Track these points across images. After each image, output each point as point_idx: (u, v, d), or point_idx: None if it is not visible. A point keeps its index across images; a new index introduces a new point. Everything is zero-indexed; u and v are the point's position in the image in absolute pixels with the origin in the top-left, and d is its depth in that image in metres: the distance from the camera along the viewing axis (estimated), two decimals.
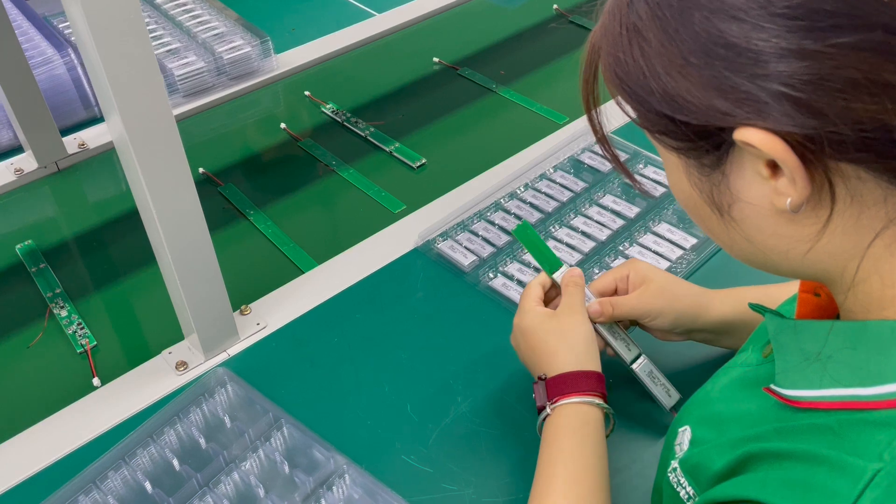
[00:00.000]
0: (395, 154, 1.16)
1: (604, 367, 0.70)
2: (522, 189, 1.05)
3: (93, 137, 1.19)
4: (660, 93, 0.40)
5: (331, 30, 1.46)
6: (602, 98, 0.47)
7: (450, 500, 0.71)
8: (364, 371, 0.83)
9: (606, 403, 0.66)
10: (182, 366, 0.84)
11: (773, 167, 0.38)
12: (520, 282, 0.91)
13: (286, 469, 0.73)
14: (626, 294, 0.75)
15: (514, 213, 1.02)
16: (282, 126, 1.23)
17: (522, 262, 0.94)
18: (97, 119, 1.25)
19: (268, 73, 1.34)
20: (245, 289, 0.86)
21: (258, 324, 0.89)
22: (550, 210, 1.02)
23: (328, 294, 0.93)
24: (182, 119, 1.25)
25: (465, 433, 0.77)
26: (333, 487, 0.71)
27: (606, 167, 1.09)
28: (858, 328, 0.41)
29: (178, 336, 0.87)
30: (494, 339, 0.85)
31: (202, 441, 0.76)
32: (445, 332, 0.87)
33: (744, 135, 0.37)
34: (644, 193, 1.01)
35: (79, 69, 1.21)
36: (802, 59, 0.35)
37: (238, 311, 0.90)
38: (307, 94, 1.30)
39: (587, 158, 1.11)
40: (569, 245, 0.96)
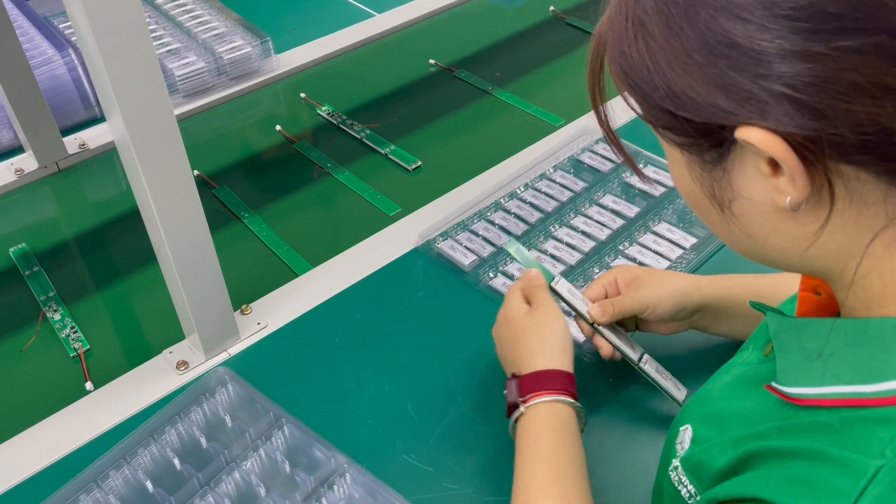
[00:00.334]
0: (391, 156, 1.16)
1: (605, 369, 0.71)
2: (522, 189, 1.05)
3: (93, 137, 1.20)
4: (663, 88, 0.40)
5: (331, 30, 1.46)
6: (607, 94, 0.47)
7: (450, 499, 0.71)
8: (365, 370, 0.84)
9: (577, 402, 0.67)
10: (183, 365, 0.84)
11: (774, 165, 0.38)
12: None
13: (287, 468, 0.73)
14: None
15: (515, 213, 1.02)
16: (277, 128, 1.23)
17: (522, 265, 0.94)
18: (97, 119, 1.26)
19: (268, 74, 1.34)
20: (240, 292, 0.85)
21: (259, 323, 0.89)
22: (550, 210, 1.02)
23: (328, 294, 0.93)
24: (181, 120, 1.25)
25: (466, 432, 0.77)
26: (334, 486, 0.71)
27: (606, 167, 1.09)
28: (860, 326, 0.41)
29: (178, 336, 0.87)
30: None
31: (203, 440, 0.76)
32: (445, 332, 0.87)
33: (745, 134, 0.38)
34: (647, 185, 1.01)
35: (79, 69, 1.21)
36: (805, 61, 0.35)
37: (239, 311, 0.90)
38: (303, 97, 1.30)
39: (587, 158, 1.11)
40: (569, 245, 0.96)
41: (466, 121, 1.24)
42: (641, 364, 0.74)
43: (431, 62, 1.38)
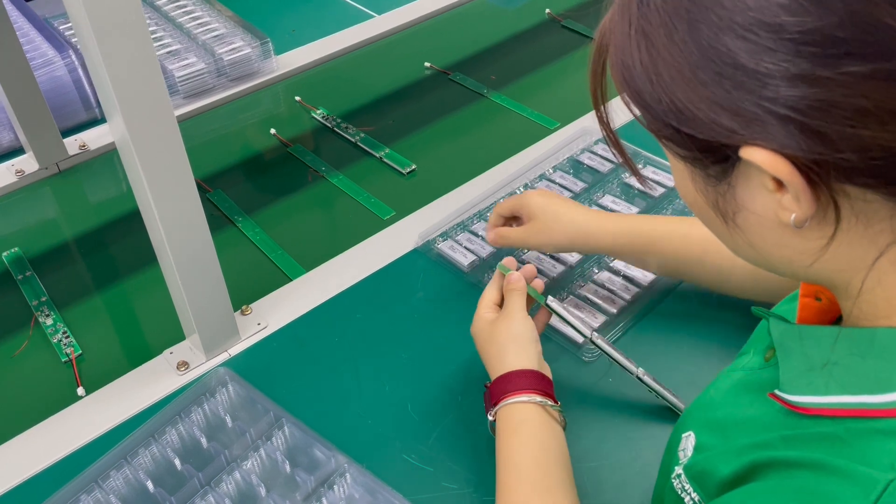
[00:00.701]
0: (385, 160, 1.16)
1: (605, 369, 0.70)
2: (522, 189, 1.06)
3: (93, 139, 1.20)
4: (667, 102, 0.39)
5: (331, 31, 1.46)
6: (608, 95, 0.46)
7: (450, 499, 0.71)
8: (365, 370, 0.84)
9: (547, 398, 0.67)
10: (183, 366, 0.84)
11: (779, 182, 0.38)
12: None
13: (287, 468, 0.73)
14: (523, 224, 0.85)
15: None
16: (272, 132, 1.23)
17: (522, 263, 0.94)
18: (98, 120, 1.26)
19: (268, 75, 1.34)
20: (234, 296, 0.85)
21: (259, 324, 0.89)
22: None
23: (328, 294, 0.93)
24: (180, 121, 1.25)
25: (466, 432, 0.77)
26: (334, 486, 0.71)
27: (606, 168, 1.09)
28: (866, 335, 0.41)
29: (178, 337, 0.87)
30: None
31: (203, 440, 0.76)
32: (445, 332, 0.87)
33: (750, 154, 0.37)
34: (646, 187, 1.01)
35: (79, 70, 1.22)
36: (812, 85, 0.34)
37: (239, 312, 0.90)
38: (298, 100, 1.30)
39: (586, 159, 1.11)
40: None
41: (461, 124, 1.24)
42: (640, 374, 0.75)
43: (427, 65, 1.37)
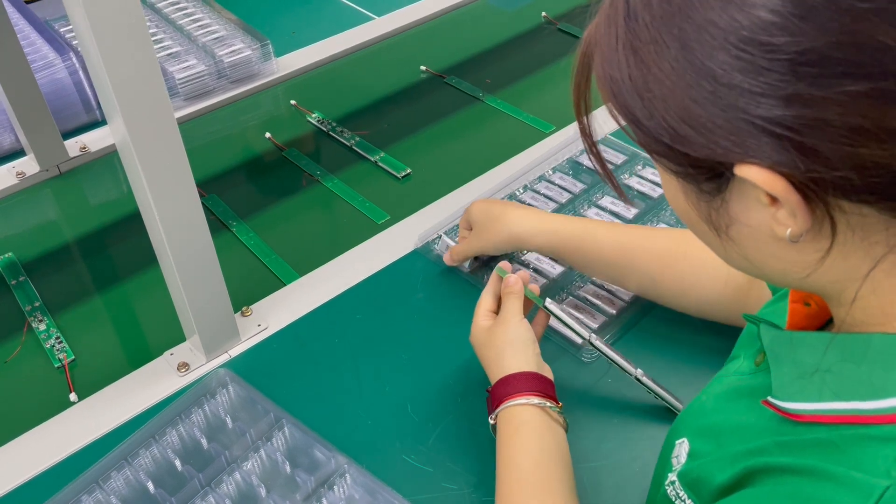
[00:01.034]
0: (381, 164, 1.15)
1: (604, 369, 0.70)
2: (521, 191, 1.06)
3: (94, 141, 1.20)
4: (658, 119, 0.39)
5: (331, 33, 1.46)
6: (594, 103, 0.45)
7: (450, 500, 0.72)
8: (364, 371, 0.84)
9: (547, 399, 0.67)
10: (184, 367, 0.85)
11: (774, 198, 0.38)
12: None
13: (287, 469, 0.73)
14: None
15: None
16: (266, 136, 1.23)
17: (522, 263, 0.95)
18: (98, 122, 1.26)
19: (268, 77, 1.34)
20: (231, 298, 0.85)
21: (259, 325, 0.89)
22: (549, 211, 1.02)
23: (329, 295, 0.93)
24: (180, 123, 1.25)
25: (466, 433, 0.77)
26: (334, 487, 0.71)
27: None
28: (862, 342, 0.40)
29: (179, 338, 0.87)
30: None
31: (204, 441, 0.76)
32: (445, 332, 0.87)
33: (744, 172, 0.37)
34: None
35: (80, 73, 1.22)
36: (807, 106, 0.34)
37: (239, 313, 0.90)
38: (293, 103, 1.30)
39: (586, 160, 1.11)
40: None
41: (456, 128, 1.24)
42: (639, 374, 0.75)
43: (423, 69, 1.37)
